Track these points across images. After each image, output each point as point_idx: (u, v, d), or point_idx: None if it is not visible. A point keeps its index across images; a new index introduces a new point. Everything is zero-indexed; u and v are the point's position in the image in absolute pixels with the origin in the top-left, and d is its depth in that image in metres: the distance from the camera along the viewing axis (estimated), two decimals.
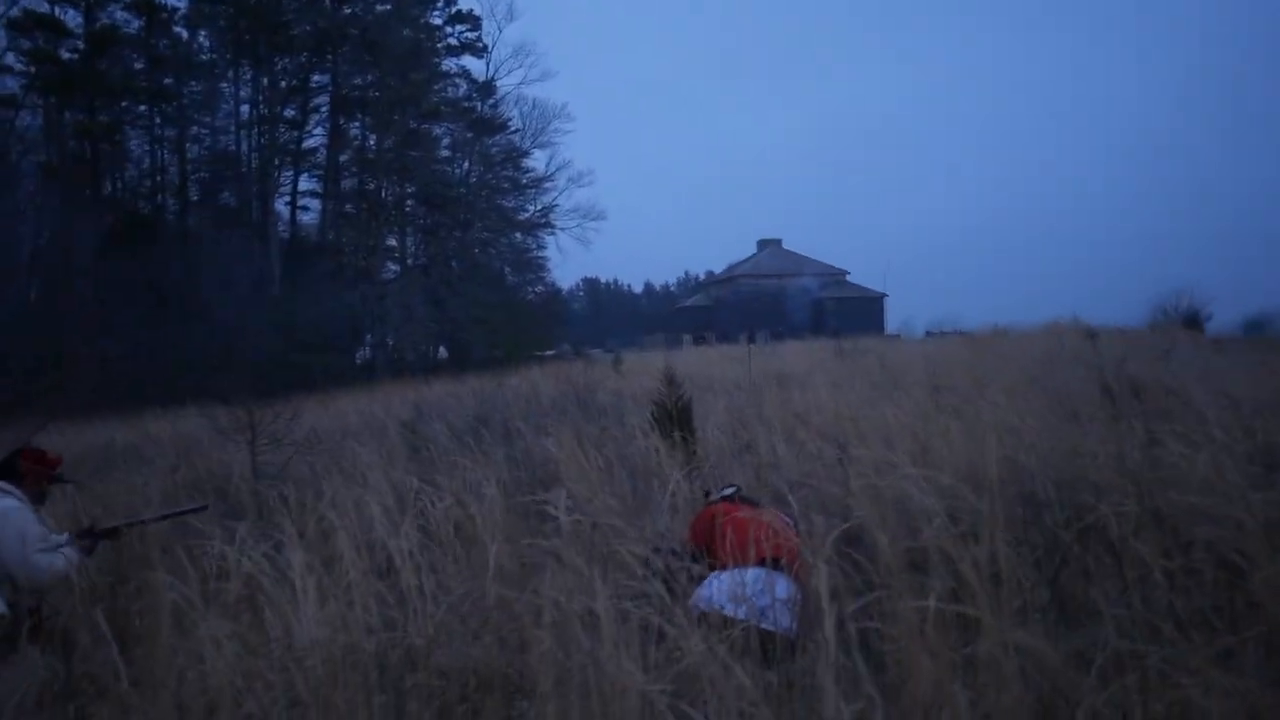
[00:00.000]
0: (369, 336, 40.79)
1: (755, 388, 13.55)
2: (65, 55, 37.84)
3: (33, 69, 37.26)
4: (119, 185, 40.81)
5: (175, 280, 33.09)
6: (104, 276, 34.28)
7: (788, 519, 4.08)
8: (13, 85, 38.21)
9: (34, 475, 4.20)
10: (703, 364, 23.04)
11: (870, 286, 71.45)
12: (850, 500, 3.98)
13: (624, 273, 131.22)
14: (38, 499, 4.16)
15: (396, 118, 39.79)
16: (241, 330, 29.42)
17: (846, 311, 66.12)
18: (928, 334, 42.85)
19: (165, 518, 4.89)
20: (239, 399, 10.47)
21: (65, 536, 4.21)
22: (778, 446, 6.73)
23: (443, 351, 41.87)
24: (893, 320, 68.30)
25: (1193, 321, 21.76)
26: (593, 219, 46.54)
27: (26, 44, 37.67)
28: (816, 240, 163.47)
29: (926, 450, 5.39)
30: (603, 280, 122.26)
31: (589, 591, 3.08)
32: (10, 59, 38.02)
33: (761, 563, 3.51)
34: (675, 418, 8.60)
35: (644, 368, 24.38)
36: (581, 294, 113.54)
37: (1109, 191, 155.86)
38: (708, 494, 4.64)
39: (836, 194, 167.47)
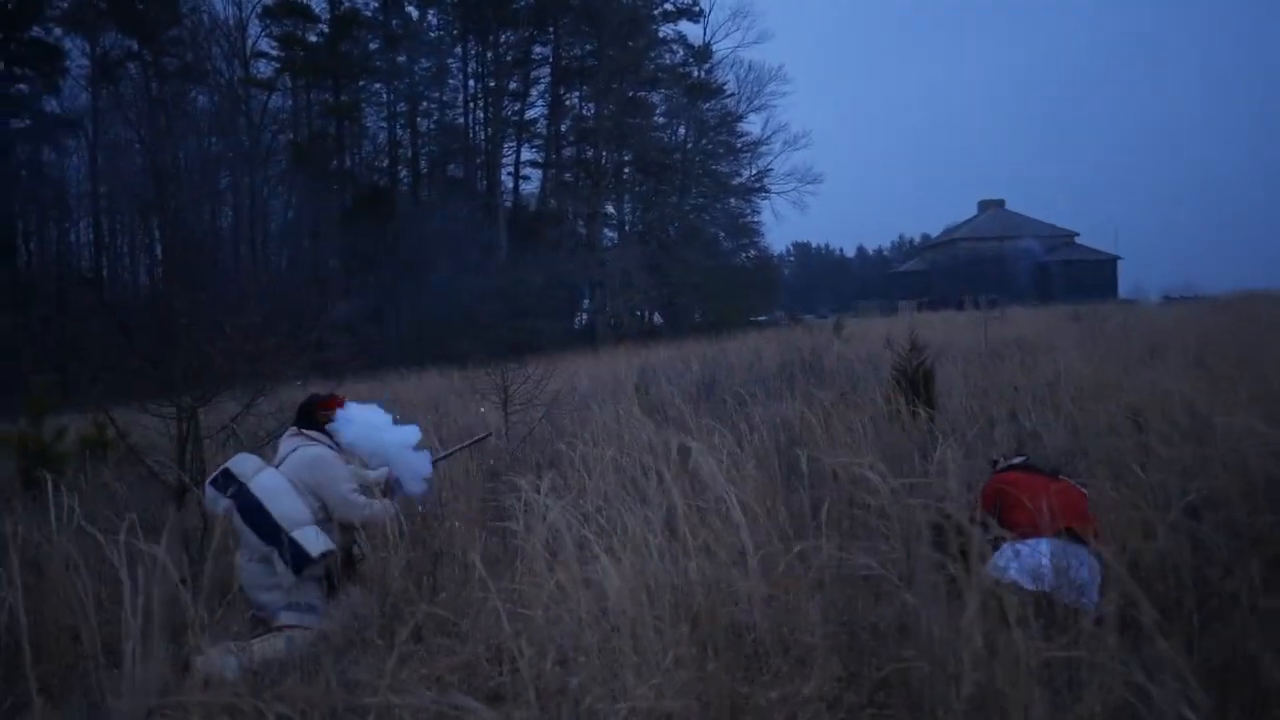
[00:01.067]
0: (588, 302, 41.89)
1: (993, 354, 13.00)
2: (312, 39, 40.51)
3: (283, 53, 40.15)
4: (358, 161, 43.44)
5: (409, 249, 35.04)
6: (346, 246, 36.75)
7: (1082, 489, 3.91)
8: (266, 69, 41.38)
9: (330, 420, 4.42)
10: (928, 330, 22.35)
11: (1101, 249, 67.23)
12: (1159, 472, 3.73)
13: (835, 237, 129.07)
14: (338, 444, 4.39)
15: (615, 86, 40.39)
16: (472, 296, 30.86)
17: (1075, 275, 62.49)
18: (1166, 299, 39.82)
19: (462, 448, 5.23)
20: (475, 361, 10.96)
21: (384, 471, 4.53)
22: (1038, 414, 6.43)
23: (657, 317, 42.45)
24: (1125, 285, 63.96)
25: None
26: (809, 182, 45.88)
27: (278, 29, 40.67)
28: (1043, 201, 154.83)
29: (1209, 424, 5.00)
30: (813, 245, 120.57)
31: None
32: (264, 44, 41.18)
33: (1057, 534, 3.39)
34: (918, 384, 8.40)
35: (865, 333, 23.91)
36: (792, 259, 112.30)
37: None
38: (995, 463, 4.49)
39: (1063, 153, 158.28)
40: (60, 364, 21.30)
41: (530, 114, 44.91)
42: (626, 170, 42.64)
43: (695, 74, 45.31)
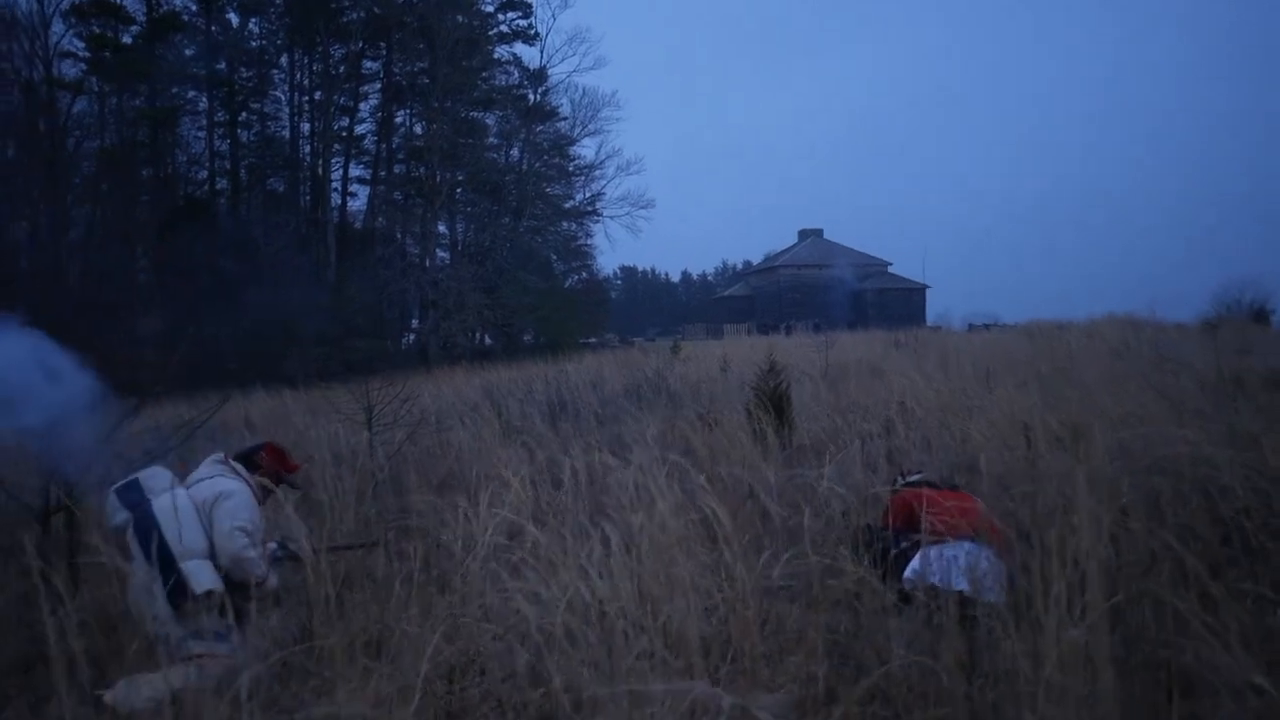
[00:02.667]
0: (417, 322, 41.16)
1: (832, 377, 13.57)
2: (126, 40, 38.30)
3: (92, 54, 37.76)
4: (174, 171, 41.26)
5: (230, 265, 33.51)
6: (161, 259, 34.83)
7: (976, 499, 4.18)
8: (72, 71, 38.79)
9: (269, 471, 4.26)
10: (761, 353, 23.00)
11: (912, 278, 71.12)
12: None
13: (661, 261, 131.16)
14: (262, 494, 4.21)
15: (448, 105, 39.97)
16: (298, 314, 29.78)
17: (888, 303, 65.97)
18: (970, 327, 42.48)
19: (344, 548, 4.72)
20: (304, 381, 10.65)
21: (274, 545, 4.27)
22: (907, 433, 6.79)
23: (488, 338, 42.09)
24: (931, 312, 67.95)
25: (1260, 316, 21.47)
26: (641, 207, 46.57)
27: (86, 30, 38.20)
28: (858, 231, 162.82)
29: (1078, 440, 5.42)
30: (640, 269, 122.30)
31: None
32: (71, 44, 38.61)
33: (962, 540, 3.62)
34: (778, 403, 8.70)
35: (700, 355, 24.43)
36: (619, 282, 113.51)
37: (1148, 186, 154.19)
38: (896, 479, 4.74)
39: (877, 185, 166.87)
40: None
41: (359, 130, 43.95)
42: (459, 190, 42.15)
43: (530, 97, 45.37)
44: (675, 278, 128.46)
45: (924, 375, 11.42)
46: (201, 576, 3.62)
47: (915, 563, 3.56)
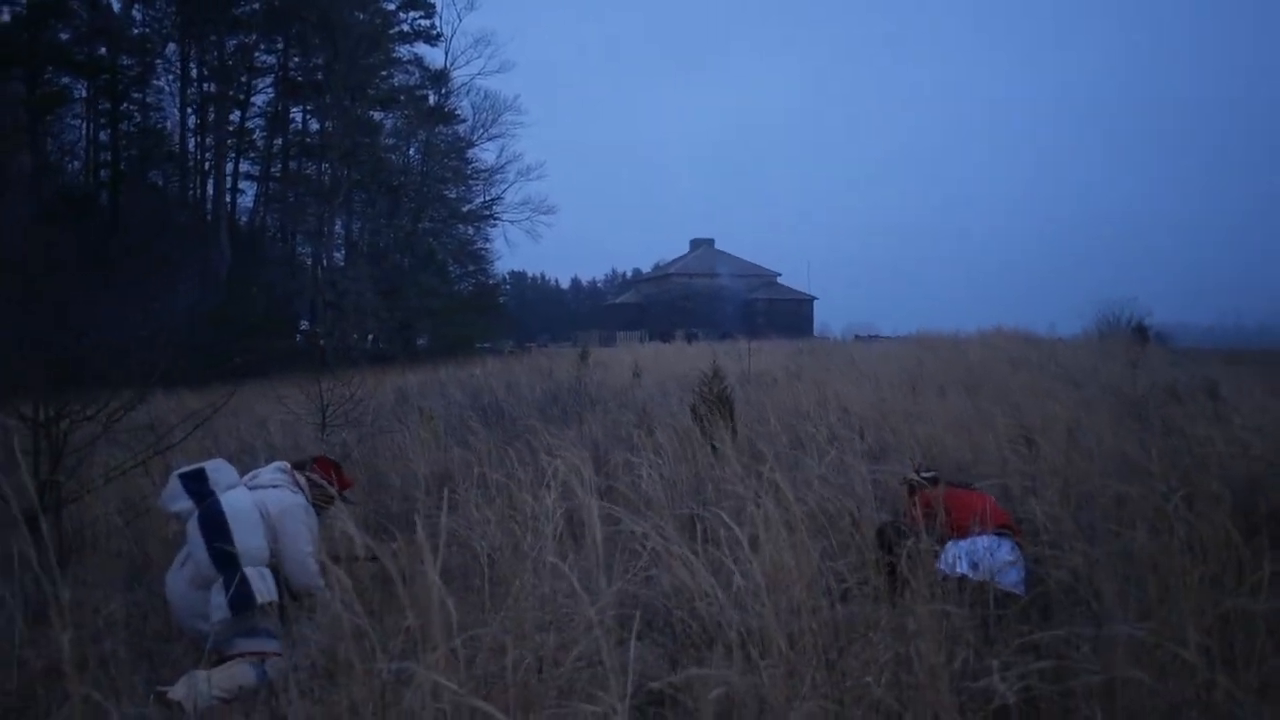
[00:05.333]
0: (307, 324, 40.11)
1: (757, 382, 13.84)
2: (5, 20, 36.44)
3: None
4: (45, 160, 39.34)
5: (110, 259, 32.09)
6: (32, 253, 33.11)
7: (991, 496, 4.41)
8: None
9: (322, 488, 4.17)
10: (672, 360, 23.28)
11: (800, 289, 72.78)
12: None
13: (550, 267, 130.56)
14: (317, 507, 4.18)
15: (346, 103, 39.18)
16: (185, 313, 28.71)
17: (777, 313, 67.35)
18: (856, 338, 43.75)
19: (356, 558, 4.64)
20: (195, 381, 10.37)
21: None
22: (873, 436, 7.03)
23: (379, 343, 41.35)
24: (816, 323, 69.75)
25: (1141, 333, 22.77)
26: (543, 212, 46.46)
27: None
28: (747, 242, 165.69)
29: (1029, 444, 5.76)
30: (529, 274, 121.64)
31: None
32: None
33: (987, 533, 3.83)
34: (722, 408, 8.86)
35: (608, 361, 24.51)
36: (509, 287, 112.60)
37: (1027, 203, 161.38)
38: (910, 479, 4.92)
39: (765, 197, 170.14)
40: None
41: (249, 124, 42.74)
42: (355, 190, 41.32)
43: (431, 98, 44.79)
44: (565, 284, 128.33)
45: (851, 382, 11.80)
46: (265, 586, 3.58)
47: (945, 556, 3.76)
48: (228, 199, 40.76)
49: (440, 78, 44.77)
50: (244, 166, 43.08)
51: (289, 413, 8.39)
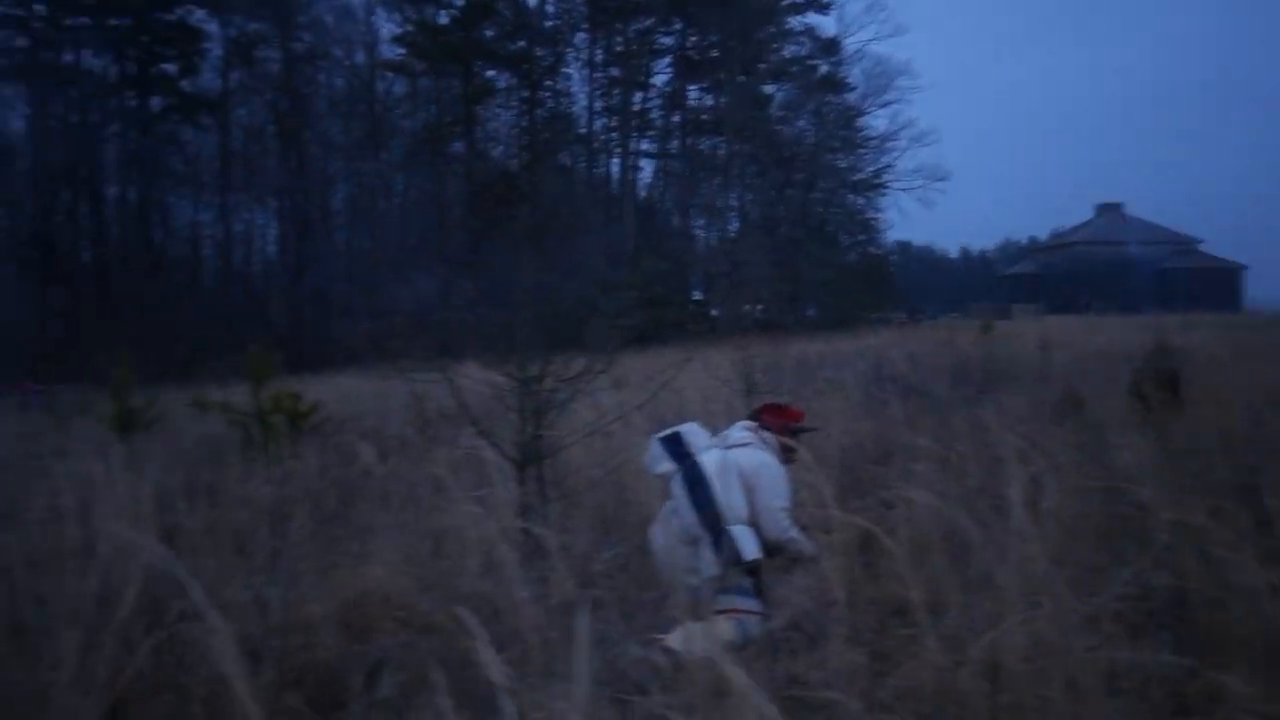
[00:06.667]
0: (704, 295, 41.71)
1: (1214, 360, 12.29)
2: (441, 22, 41.04)
3: (413, 37, 40.72)
4: (477, 146, 43.82)
5: (533, 238, 35.19)
6: (471, 230, 37.15)
7: None
8: (394, 54, 42.00)
9: (777, 431, 4.21)
10: (1079, 334, 21.61)
11: (1225, 257, 64.85)
12: None
13: (937, 237, 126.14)
14: (783, 459, 4.12)
15: (740, 78, 40.11)
16: (595, 285, 30.81)
17: (1197, 283, 60.26)
18: None
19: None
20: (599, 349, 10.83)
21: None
22: None
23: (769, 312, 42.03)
24: (1251, 295, 61.62)
25: None
26: (938, 179, 45.05)
27: (407, 15, 41.25)
28: (1163, 207, 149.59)
29: None
30: (915, 244, 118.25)
31: None
32: (393, 28, 41.84)
33: None
34: (1174, 386, 8.01)
35: (1011, 333, 23.17)
36: (894, 258, 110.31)
37: None
38: None
39: (1186, 157, 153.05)
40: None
41: (648, 104, 45.02)
42: (747, 163, 42.31)
43: (821, 67, 44.77)
44: (953, 254, 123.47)
45: None
46: (750, 544, 3.67)
47: None
48: (628, 176, 43.29)
49: (831, 46, 44.56)
50: (642, 145, 45.60)
51: (711, 379, 8.64)
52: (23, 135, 37.69)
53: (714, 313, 38.21)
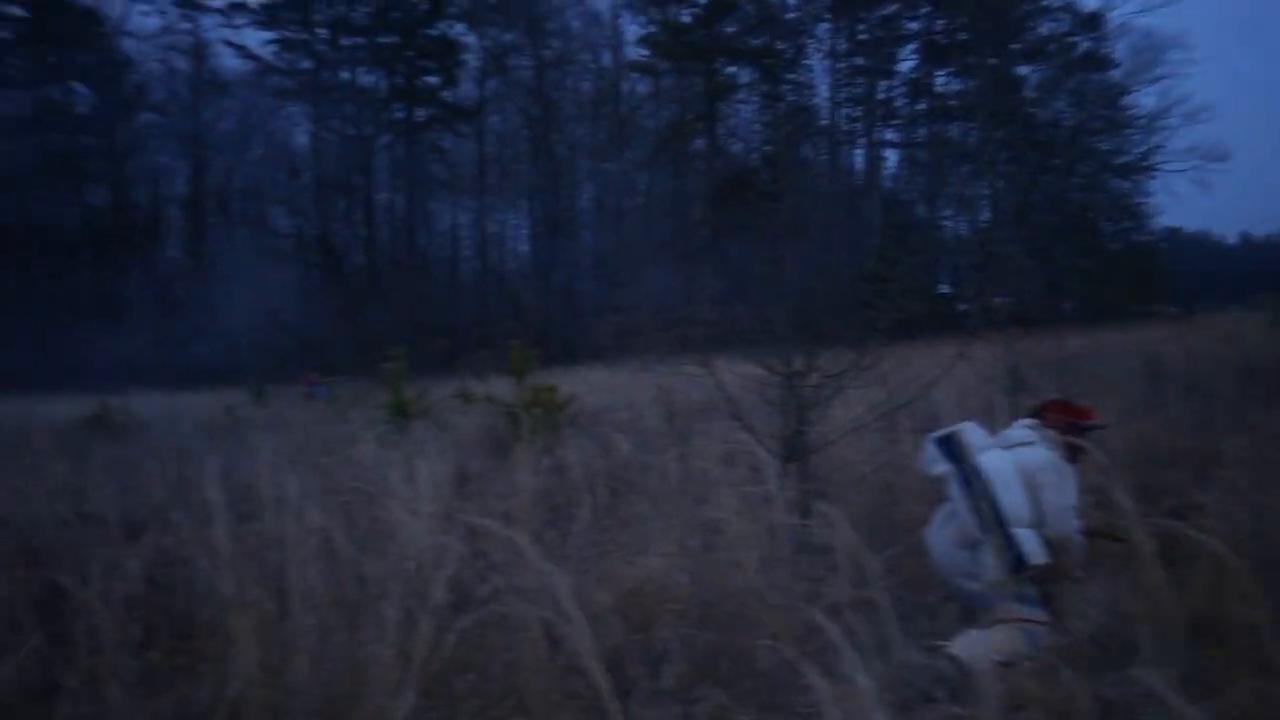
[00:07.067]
0: (953, 287, 40.17)
1: None
2: (684, 21, 41.67)
3: (659, 37, 41.53)
4: (719, 141, 44.13)
5: (779, 230, 35.06)
6: (715, 225, 37.49)
7: None
8: (638, 54, 43.01)
9: (1062, 429, 3.97)
10: None
11: None
12: None
13: (1213, 223, 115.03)
14: (1070, 453, 3.92)
15: (991, 60, 38.36)
16: (843, 277, 30.37)
17: None
18: None
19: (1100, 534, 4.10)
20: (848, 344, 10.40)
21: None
22: None
23: (1015, 303, 39.89)
24: None
25: None
26: (1217, 159, 41.14)
27: (652, 16, 42.11)
28: None
29: None
30: (1186, 230, 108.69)
31: None
32: (638, 29, 42.85)
33: None
34: None
35: None
36: (1164, 246, 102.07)
37: None
38: None
39: None
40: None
41: (892, 92, 43.91)
42: (999, 149, 40.37)
43: (1081, 44, 42.01)
44: (1232, 240, 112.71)
45: None
46: (1034, 548, 3.49)
47: None
48: (872, 167, 42.39)
49: (1093, 21, 41.67)
50: (886, 134, 44.58)
51: (968, 375, 8.25)
52: (307, 150, 41.38)
53: (963, 306, 36.72)
